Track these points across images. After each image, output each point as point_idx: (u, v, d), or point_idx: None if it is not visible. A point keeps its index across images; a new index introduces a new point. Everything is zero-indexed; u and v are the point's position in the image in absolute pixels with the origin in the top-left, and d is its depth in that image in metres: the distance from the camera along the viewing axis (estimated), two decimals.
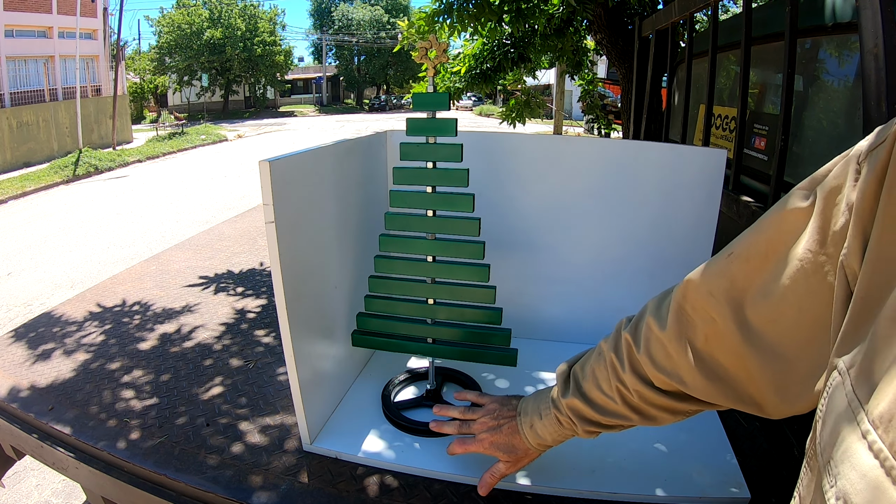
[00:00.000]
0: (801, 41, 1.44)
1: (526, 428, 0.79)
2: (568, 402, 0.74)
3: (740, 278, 0.51)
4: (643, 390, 0.64)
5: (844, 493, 0.30)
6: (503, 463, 0.83)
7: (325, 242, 1.03)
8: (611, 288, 1.33)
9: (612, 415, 0.70)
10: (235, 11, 26.13)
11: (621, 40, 3.99)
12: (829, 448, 0.33)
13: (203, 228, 3.91)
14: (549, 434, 0.77)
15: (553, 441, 0.79)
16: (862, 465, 0.30)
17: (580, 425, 0.73)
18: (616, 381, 0.67)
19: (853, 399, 0.32)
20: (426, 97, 0.97)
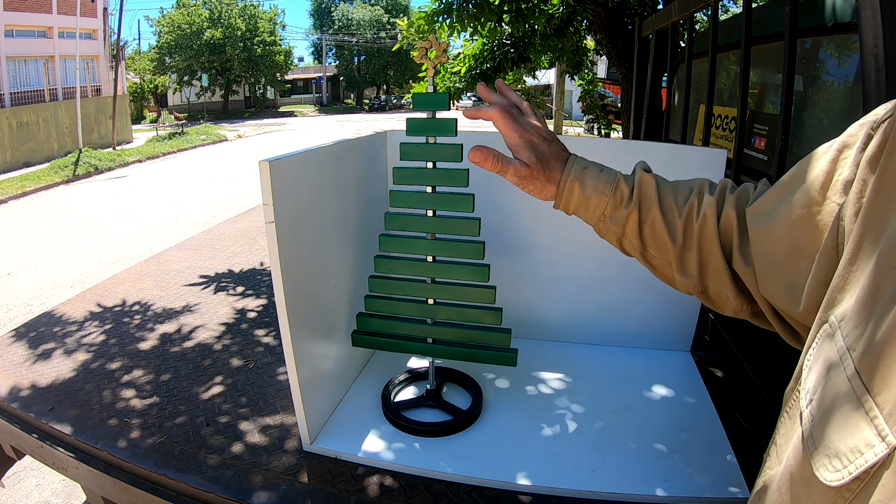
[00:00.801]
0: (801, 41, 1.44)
1: (567, 187, 0.66)
2: (643, 176, 0.64)
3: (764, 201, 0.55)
4: (710, 218, 0.59)
5: (824, 432, 0.32)
6: (512, 172, 0.70)
7: (325, 242, 1.03)
8: (611, 288, 1.33)
9: (667, 221, 0.62)
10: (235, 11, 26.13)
11: (621, 40, 3.99)
12: (813, 392, 0.35)
13: (203, 228, 3.91)
14: (584, 200, 0.65)
15: (573, 207, 0.67)
16: (844, 407, 0.32)
17: (626, 212, 0.63)
18: (696, 197, 0.62)
19: (842, 348, 0.34)
20: (426, 97, 0.97)
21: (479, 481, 0.92)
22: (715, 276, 0.60)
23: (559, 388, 1.21)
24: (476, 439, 1.03)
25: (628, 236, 0.64)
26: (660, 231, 0.62)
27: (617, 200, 0.64)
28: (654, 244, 0.63)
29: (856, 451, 0.30)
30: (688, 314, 1.33)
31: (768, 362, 1.24)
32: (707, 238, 0.60)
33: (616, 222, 0.64)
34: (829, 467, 0.32)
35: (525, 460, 0.97)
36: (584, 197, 0.65)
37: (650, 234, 0.63)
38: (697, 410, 1.13)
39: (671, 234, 0.62)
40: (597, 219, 0.66)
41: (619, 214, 0.64)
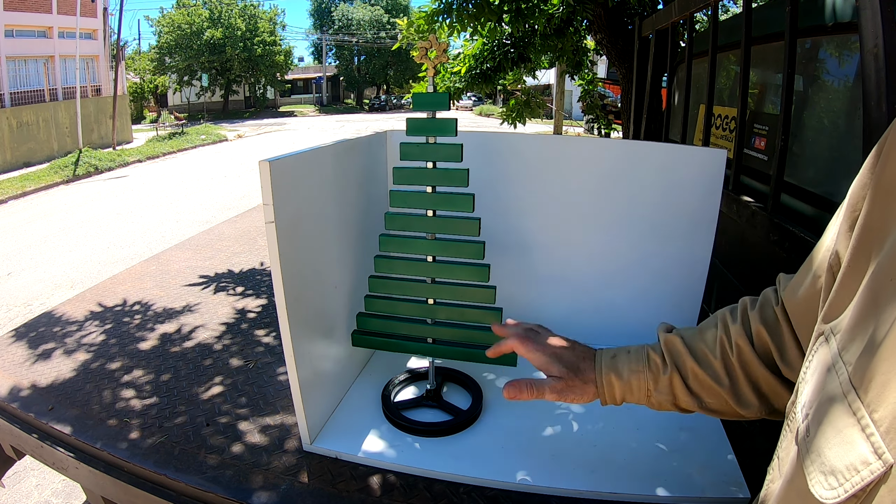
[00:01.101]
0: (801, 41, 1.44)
1: (604, 380, 0.69)
2: (667, 338, 0.66)
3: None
4: (744, 346, 0.60)
5: (819, 448, 0.32)
6: (549, 391, 0.72)
7: (325, 242, 1.03)
8: (611, 288, 1.33)
9: (706, 368, 0.63)
10: (235, 11, 26.13)
11: (621, 40, 3.99)
12: (809, 407, 0.35)
13: (203, 228, 3.91)
14: (625, 386, 0.67)
15: (618, 397, 0.68)
16: (839, 422, 0.31)
17: (666, 378, 0.65)
18: (723, 332, 0.63)
19: (838, 361, 0.33)
20: (426, 97, 0.97)
21: (479, 481, 0.92)
22: (774, 395, 0.59)
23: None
24: (476, 439, 1.03)
25: (680, 398, 0.65)
26: (704, 380, 0.63)
27: (655, 373, 0.65)
28: (706, 394, 0.64)
29: (852, 469, 0.30)
30: (688, 314, 1.33)
31: None
32: (749, 365, 0.60)
33: (663, 392, 0.65)
34: (824, 484, 0.31)
35: (525, 460, 0.97)
36: (623, 384, 0.67)
37: (698, 386, 0.64)
38: None
39: (715, 378, 0.62)
40: (646, 397, 0.67)
41: (662, 384, 0.65)
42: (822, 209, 1.29)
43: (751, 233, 1.47)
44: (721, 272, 1.69)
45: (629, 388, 0.67)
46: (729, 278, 1.65)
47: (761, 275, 1.41)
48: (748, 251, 1.53)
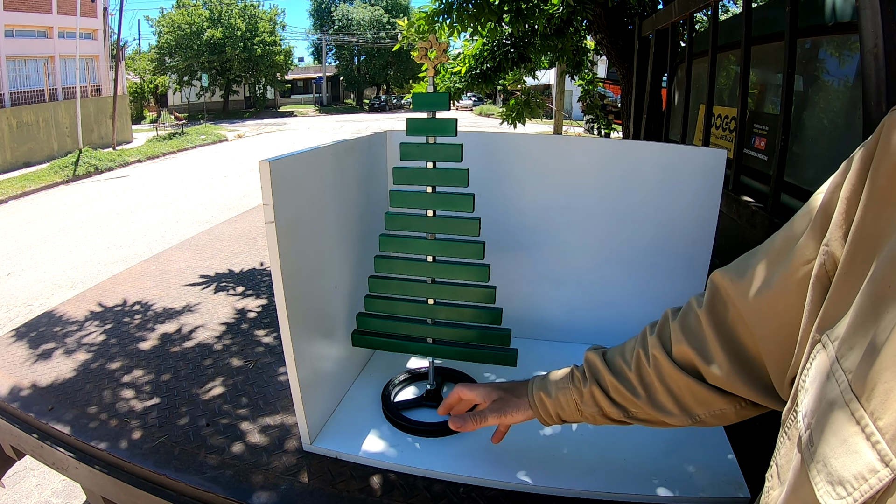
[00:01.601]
0: (801, 41, 1.44)
1: (535, 398, 0.76)
2: (588, 356, 0.72)
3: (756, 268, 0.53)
4: (660, 356, 0.62)
5: (825, 457, 0.32)
6: (490, 415, 0.82)
7: (325, 242, 1.03)
8: (611, 287, 1.33)
9: (622, 380, 0.66)
10: (235, 11, 26.12)
11: (621, 40, 3.99)
12: (811, 416, 0.35)
13: (203, 228, 3.91)
14: (555, 403, 0.73)
15: (552, 414, 0.75)
16: (843, 431, 0.31)
17: (588, 391, 0.69)
18: (640, 346, 0.66)
19: (837, 369, 0.33)
20: (426, 97, 0.97)
21: (479, 481, 0.92)
22: (699, 402, 0.61)
23: None
24: (476, 439, 1.03)
25: (606, 409, 0.69)
26: (622, 392, 0.66)
27: (577, 387, 0.70)
28: (629, 404, 0.67)
29: (860, 478, 0.29)
30: None
31: None
32: (667, 376, 0.62)
33: (588, 405, 0.70)
34: (832, 494, 0.31)
35: (525, 460, 0.97)
36: (553, 401, 0.73)
37: (620, 398, 0.67)
38: None
39: (631, 391, 0.66)
40: (576, 411, 0.72)
41: (586, 397, 0.70)
42: None
43: (751, 233, 1.47)
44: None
45: (559, 404, 0.72)
46: None
47: None
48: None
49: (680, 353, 0.61)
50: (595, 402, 0.69)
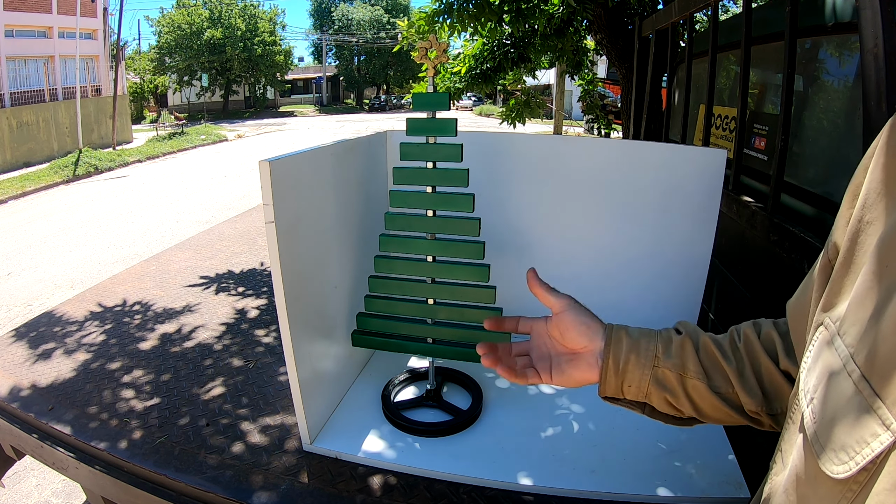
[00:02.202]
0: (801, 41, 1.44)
1: (613, 335, 0.65)
2: (679, 322, 0.65)
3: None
4: (751, 335, 0.60)
5: (827, 426, 0.33)
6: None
7: (325, 242, 1.03)
8: (611, 287, 1.33)
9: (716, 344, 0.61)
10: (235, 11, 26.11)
11: (621, 40, 3.99)
12: (813, 391, 0.36)
13: (203, 228, 3.91)
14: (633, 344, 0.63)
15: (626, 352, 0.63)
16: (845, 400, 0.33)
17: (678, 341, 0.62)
18: (732, 328, 0.63)
19: (840, 345, 0.35)
20: (426, 97, 0.97)
21: (479, 481, 0.92)
22: (774, 389, 0.58)
23: (559, 388, 1.21)
24: (476, 439, 1.03)
25: (690, 368, 0.61)
26: (713, 354, 0.61)
27: (665, 337, 0.63)
28: (713, 370, 0.61)
29: (861, 442, 0.31)
30: (688, 314, 1.33)
31: None
32: (755, 353, 0.60)
33: (674, 356, 0.61)
34: (835, 460, 0.32)
35: (525, 460, 0.97)
36: (632, 341, 0.63)
37: (707, 359, 0.61)
38: None
39: (724, 355, 0.61)
40: (653, 362, 0.62)
41: (674, 348, 0.62)
42: (823, 209, 1.29)
43: (751, 233, 1.47)
44: (721, 272, 1.69)
45: (637, 346, 0.62)
46: (729, 278, 1.65)
47: (761, 275, 1.41)
48: (748, 251, 1.53)
49: (767, 339, 0.60)
50: (681, 356, 0.61)
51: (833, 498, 0.33)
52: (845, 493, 0.32)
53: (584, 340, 0.65)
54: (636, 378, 0.61)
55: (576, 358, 0.66)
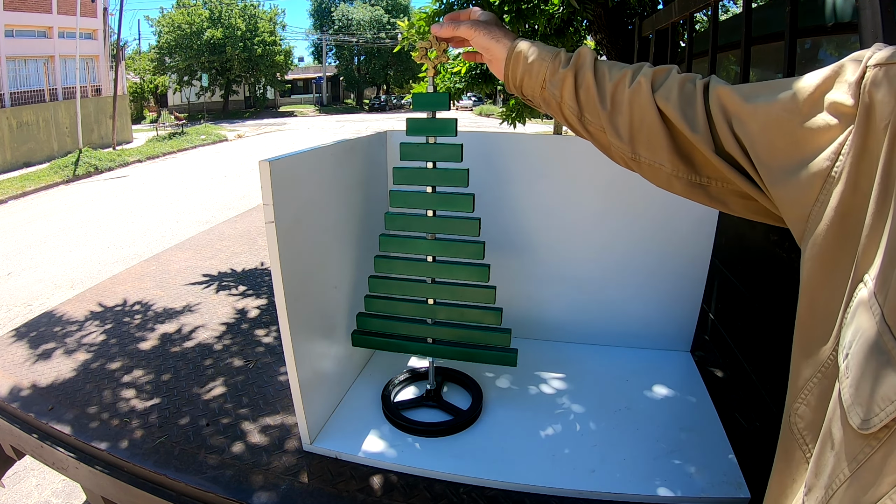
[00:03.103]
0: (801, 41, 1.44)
1: (514, 49, 0.73)
2: (582, 49, 0.69)
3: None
4: (645, 87, 0.61)
5: (857, 382, 0.35)
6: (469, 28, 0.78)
7: (325, 242, 1.03)
8: (611, 288, 1.33)
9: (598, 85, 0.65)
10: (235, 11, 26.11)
11: (621, 40, 3.99)
12: (849, 346, 0.38)
13: (203, 228, 3.91)
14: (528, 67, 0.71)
15: (518, 75, 0.72)
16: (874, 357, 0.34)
17: (562, 73, 0.67)
18: (631, 69, 0.64)
19: (874, 303, 0.36)
20: (426, 97, 0.97)
21: (479, 481, 0.92)
22: (648, 145, 0.62)
23: (559, 388, 1.21)
24: (476, 439, 1.03)
25: (566, 100, 0.68)
26: (591, 95, 0.65)
27: (556, 65, 0.68)
28: (588, 108, 0.66)
29: (886, 400, 0.32)
30: (688, 314, 1.33)
31: (768, 362, 1.24)
32: (640, 105, 0.62)
33: (555, 86, 0.68)
34: (860, 414, 0.34)
35: (525, 460, 0.97)
36: (527, 65, 0.71)
37: (585, 97, 0.66)
38: (697, 410, 1.13)
39: (601, 97, 0.65)
40: (540, 86, 0.70)
41: (557, 78, 0.68)
42: None
43: (751, 233, 1.47)
44: (721, 272, 1.69)
45: (530, 69, 0.70)
46: (729, 278, 1.65)
47: (761, 275, 1.41)
48: (748, 251, 1.53)
49: (664, 96, 0.60)
50: (560, 88, 0.68)
51: (854, 449, 0.35)
52: (864, 448, 0.34)
53: (496, 53, 0.75)
54: (529, 93, 0.73)
55: (492, 62, 0.77)
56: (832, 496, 0.36)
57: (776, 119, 0.49)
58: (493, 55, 0.76)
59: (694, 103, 0.58)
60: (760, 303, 1.34)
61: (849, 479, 0.35)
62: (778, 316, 1.21)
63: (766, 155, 0.50)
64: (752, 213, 0.57)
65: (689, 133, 0.57)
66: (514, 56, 0.72)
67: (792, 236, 0.52)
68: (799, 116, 0.47)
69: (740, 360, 1.37)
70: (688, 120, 0.57)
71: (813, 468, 0.40)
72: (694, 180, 0.60)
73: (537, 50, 0.71)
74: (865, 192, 0.41)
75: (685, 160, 0.60)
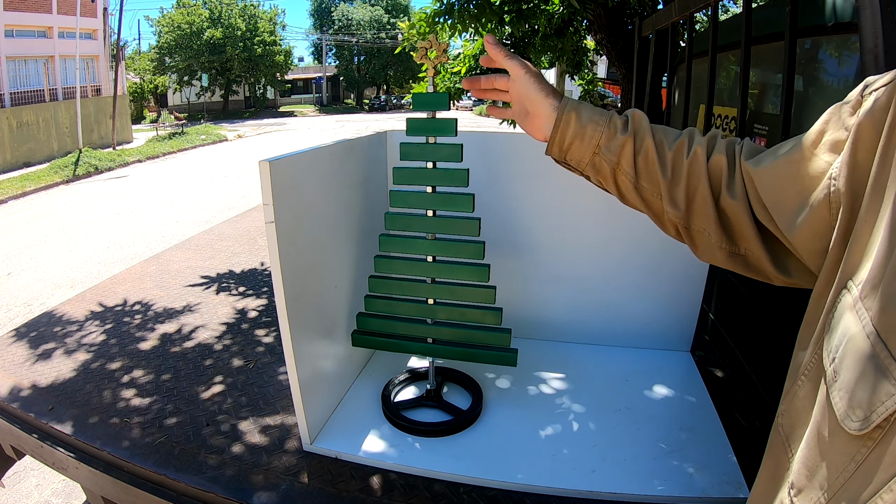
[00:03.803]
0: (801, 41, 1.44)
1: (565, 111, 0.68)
2: (636, 112, 0.67)
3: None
4: (700, 154, 0.62)
5: (847, 385, 0.36)
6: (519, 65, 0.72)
7: (325, 242, 1.03)
8: (611, 288, 1.33)
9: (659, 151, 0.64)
10: (235, 11, 26.11)
11: (621, 40, 3.98)
12: (835, 351, 0.38)
13: (203, 228, 3.91)
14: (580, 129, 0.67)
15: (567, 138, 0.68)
16: (864, 361, 0.35)
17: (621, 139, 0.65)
18: (687, 137, 0.65)
19: (860, 308, 0.37)
20: (426, 97, 0.97)
21: (479, 481, 0.92)
22: (700, 213, 0.62)
23: (559, 388, 1.21)
24: (476, 439, 1.03)
25: (623, 166, 0.66)
26: (652, 162, 0.64)
27: (612, 130, 0.66)
28: (646, 175, 0.65)
29: (877, 402, 0.33)
30: (688, 314, 1.33)
31: (768, 362, 1.24)
32: (696, 174, 0.62)
33: (612, 151, 0.66)
34: (852, 417, 0.35)
35: (525, 460, 0.97)
36: (579, 127, 0.67)
37: (643, 164, 0.65)
38: (697, 410, 1.13)
39: (662, 166, 0.64)
40: (592, 150, 0.67)
41: (614, 144, 0.65)
42: None
43: None
44: (721, 272, 1.69)
45: (582, 134, 0.67)
46: (729, 278, 1.65)
47: None
48: None
49: (714, 165, 0.61)
50: (619, 154, 0.65)
51: (849, 452, 0.35)
52: (860, 449, 0.35)
53: (540, 109, 0.71)
54: (576, 158, 0.68)
55: (531, 118, 0.72)
56: (832, 498, 0.37)
57: (783, 172, 0.52)
58: (537, 111, 0.70)
59: (734, 171, 0.60)
60: (760, 303, 1.34)
61: (848, 480, 0.35)
62: (778, 316, 1.21)
63: (778, 206, 0.53)
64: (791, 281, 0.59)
65: (731, 200, 0.59)
66: (564, 117, 0.67)
67: None
68: (803, 163, 0.50)
69: (740, 360, 1.37)
70: (729, 189, 0.59)
71: (802, 470, 0.41)
72: (734, 251, 0.62)
73: (590, 112, 0.67)
74: (857, 203, 0.42)
75: (727, 230, 0.61)
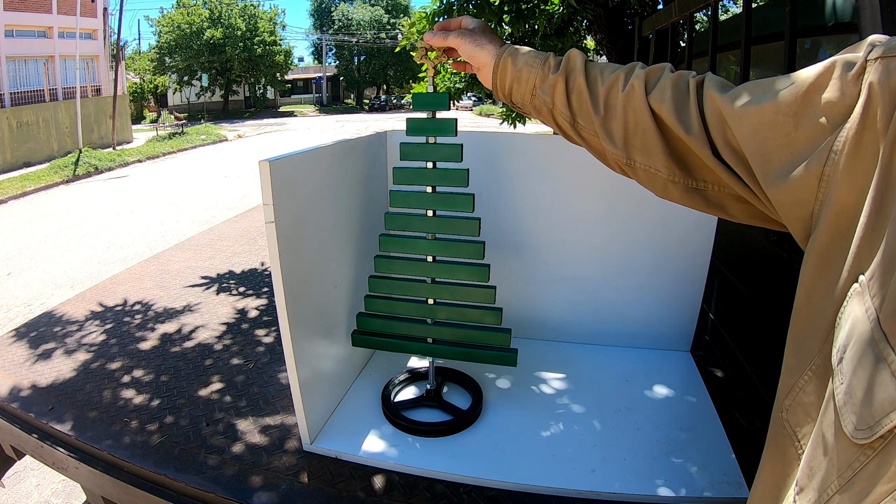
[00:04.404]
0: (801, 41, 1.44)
1: (502, 57, 0.70)
2: (572, 52, 0.67)
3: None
4: (638, 89, 0.59)
5: (852, 389, 0.34)
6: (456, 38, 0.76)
7: (325, 242, 1.03)
8: (611, 287, 1.33)
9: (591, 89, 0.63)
10: (235, 11, 26.11)
11: (621, 40, 3.98)
12: (842, 350, 0.37)
13: (203, 228, 3.91)
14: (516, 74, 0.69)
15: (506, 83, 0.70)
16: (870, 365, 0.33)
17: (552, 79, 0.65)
18: (623, 71, 0.63)
19: (869, 307, 0.35)
20: (426, 97, 0.97)
21: (479, 481, 0.92)
22: (642, 148, 0.60)
23: (559, 388, 1.21)
24: (476, 439, 1.03)
25: (558, 106, 0.66)
26: (584, 100, 0.64)
27: (546, 71, 0.67)
28: (581, 114, 0.65)
29: (881, 411, 0.31)
30: (688, 314, 1.33)
31: (768, 362, 1.24)
32: (633, 108, 0.60)
33: (546, 92, 0.66)
34: (856, 424, 0.33)
35: (525, 460, 0.97)
36: (515, 71, 0.69)
37: (577, 102, 0.65)
38: (697, 410, 1.13)
39: (594, 102, 0.63)
40: (530, 93, 0.68)
41: (547, 84, 0.66)
42: None
43: (750, 232, 1.47)
44: (721, 272, 1.69)
45: (518, 77, 0.68)
46: (729, 278, 1.65)
47: (761, 275, 1.41)
48: (748, 251, 1.53)
49: (658, 98, 0.58)
50: (552, 94, 0.66)
51: (849, 458, 0.34)
52: (859, 457, 0.33)
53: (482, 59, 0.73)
54: (518, 101, 0.71)
55: (479, 71, 0.75)
56: (827, 501, 0.36)
57: (769, 122, 0.47)
58: (480, 62, 0.73)
59: (688, 104, 0.56)
60: (760, 303, 1.34)
61: (843, 487, 0.34)
62: (778, 316, 1.21)
63: (759, 158, 0.48)
64: (751, 218, 0.56)
65: (685, 135, 0.55)
66: (501, 63, 0.70)
67: (792, 236, 0.51)
68: (792, 118, 0.45)
69: (740, 360, 1.37)
70: (682, 122, 0.55)
71: (805, 469, 0.39)
72: (690, 185, 0.58)
73: (525, 55, 0.68)
74: (860, 190, 0.39)
75: (681, 164, 0.58)
